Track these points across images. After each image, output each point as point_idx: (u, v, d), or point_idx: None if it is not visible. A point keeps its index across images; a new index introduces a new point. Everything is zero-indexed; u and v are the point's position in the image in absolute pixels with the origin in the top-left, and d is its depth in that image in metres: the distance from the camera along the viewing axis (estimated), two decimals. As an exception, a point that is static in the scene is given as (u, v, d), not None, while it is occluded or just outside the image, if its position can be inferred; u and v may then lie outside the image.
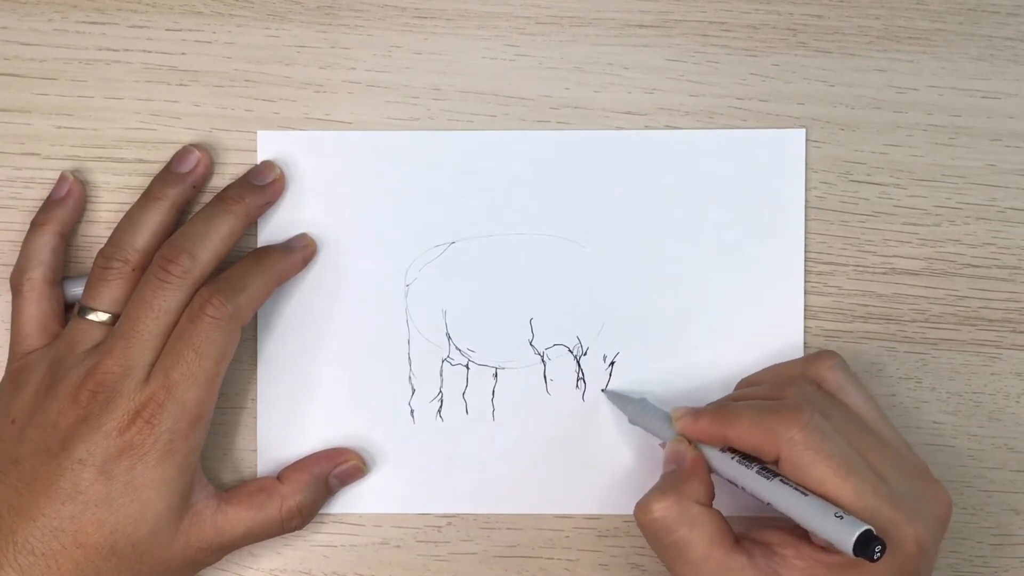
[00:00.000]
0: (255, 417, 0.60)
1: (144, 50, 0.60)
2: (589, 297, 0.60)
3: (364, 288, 0.60)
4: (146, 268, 0.56)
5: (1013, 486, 0.60)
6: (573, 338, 0.60)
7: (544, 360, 0.60)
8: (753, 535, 0.53)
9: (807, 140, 0.60)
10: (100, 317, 0.55)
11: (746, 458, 0.53)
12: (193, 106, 0.60)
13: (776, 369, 0.58)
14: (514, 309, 0.60)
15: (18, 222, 0.60)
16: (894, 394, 0.60)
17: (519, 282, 0.60)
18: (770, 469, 0.52)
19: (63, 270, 0.59)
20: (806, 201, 0.60)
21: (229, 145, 0.60)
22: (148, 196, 0.58)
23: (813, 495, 0.50)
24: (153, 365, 0.54)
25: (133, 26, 0.60)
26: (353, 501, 0.60)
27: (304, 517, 0.57)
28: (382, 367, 0.60)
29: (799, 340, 0.60)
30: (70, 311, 0.58)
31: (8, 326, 0.58)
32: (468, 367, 0.60)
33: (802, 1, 0.60)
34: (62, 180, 0.59)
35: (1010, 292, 0.60)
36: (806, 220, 0.60)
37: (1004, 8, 0.61)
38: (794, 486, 0.51)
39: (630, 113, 0.60)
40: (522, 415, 0.60)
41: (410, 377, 0.60)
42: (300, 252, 0.59)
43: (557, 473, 0.60)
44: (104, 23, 0.60)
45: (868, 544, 0.48)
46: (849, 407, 0.54)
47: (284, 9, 0.60)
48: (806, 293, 0.60)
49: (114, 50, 0.60)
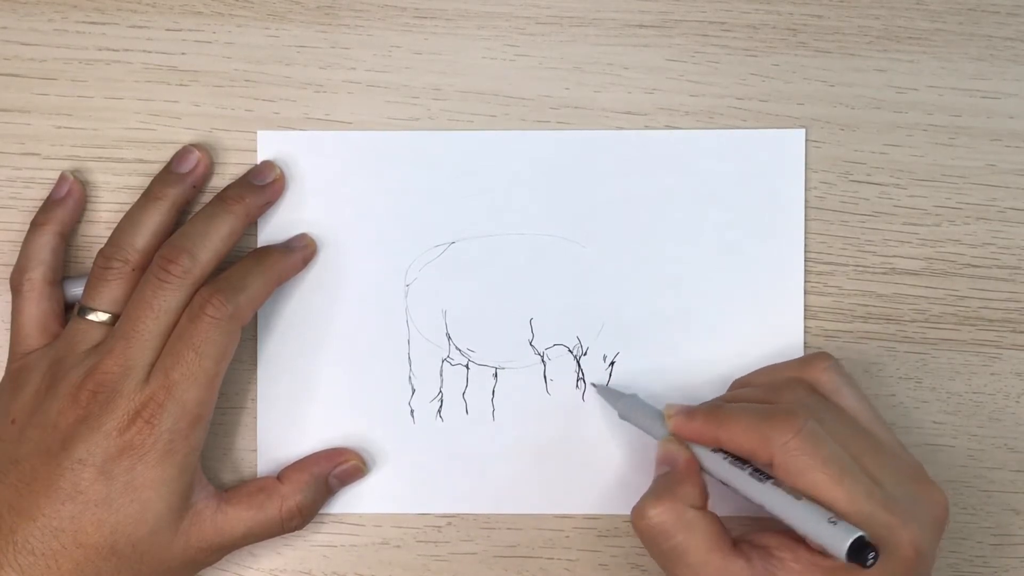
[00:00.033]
0: (255, 417, 0.60)
1: (144, 50, 0.60)
2: (589, 297, 0.60)
3: (364, 288, 0.60)
4: (146, 268, 0.56)
5: (1013, 486, 0.60)
6: (573, 338, 0.60)
7: (544, 360, 0.60)
8: (751, 538, 0.52)
9: (807, 140, 0.60)
10: (100, 317, 0.55)
11: (738, 459, 0.53)
12: (193, 106, 0.60)
13: (771, 370, 0.58)
14: (514, 309, 0.60)
15: (18, 222, 0.60)
16: (894, 394, 0.60)
17: (519, 282, 0.60)
18: (763, 472, 0.52)
19: (63, 270, 0.59)
20: (806, 201, 0.60)
21: (229, 145, 0.60)
22: (148, 196, 0.58)
23: (806, 499, 0.50)
24: (153, 365, 0.54)
25: (133, 26, 0.60)
26: (353, 501, 0.60)
27: (304, 517, 0.57)
28: (382, 367, 0.60)
29: (799, 340, 0.60)
30: (70, 311, 0.58)
31: (8, 326, 0.58)
32: (468, 367, 0.60)
33: (802, 1, 0.60)
34: (62, 180, 0.59)
35: (1010, 292, 0.60)
36: (806, 220, 0.60)
37: (1004, 8, 0.61)
38: (787, 490, 0.51)
39: (630, 113, 0.60)
40: (522, 415, 0.60)
41: (410, 377, 0.60)
42: (300, 252, 0.59)
43: (557, 473, 0.60)
44: (104, 23, 0.60)
45: (862, 551, 0.48)
46: (844, 410, 0.54)
47: (284, 9, 0.60)
48: (806, 293, 0.60)
49: (114, 50, 0.60)
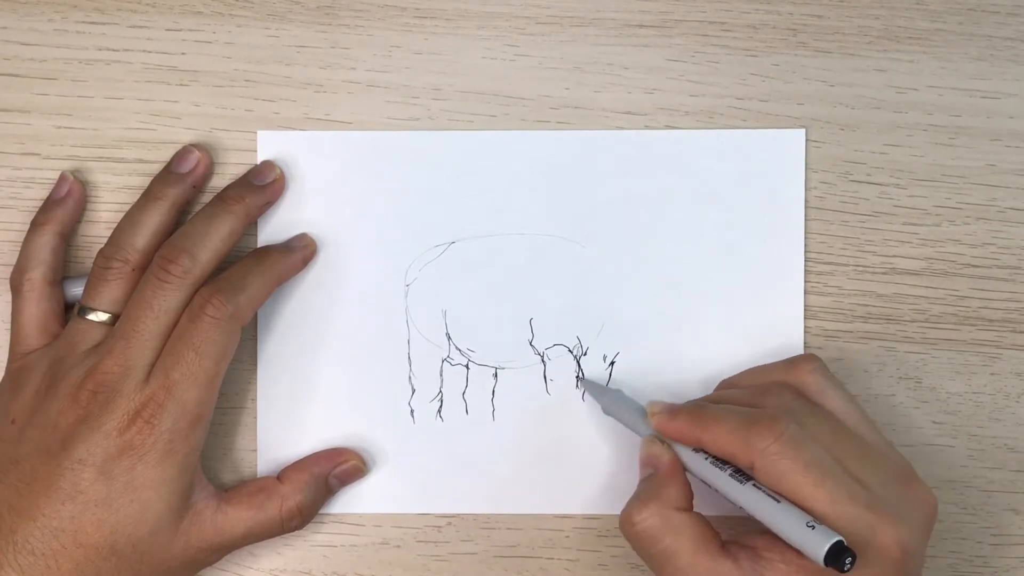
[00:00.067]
0: (255, 417, 0.60)
1: (144, 50, 0.60)
2: (589, 297, 0.60)
3: (364, 288, 0.60)
4: (146, 268, 0.56)
5: (1013, 486, 0.60)
6: (573, 338, 0.60)
7: (544, 360, 0.60)
8: (739, 539, 0.52)
9: (807, 140, 0.60)
10: (100, 317, 0.55)
11: (720, 460, 0.52)
12: (193, 106, 0.60)
13: (757, 372, 0.58)
14: (514, 309, 0.60)
15: (18, 222, 0.60)
16: (894, 394, 0.60)
17: (519, 282, 0.60)
18: (743, 472, 0.52)
19: (63, 270, 0.59)
20: (806, 201, 0.60)
21: (229, 145, 0.60)
22: (148, 196, 0.58)
23: (786, 502, 0.50)
24: (153, 365, 0.54)
25: (133, 26, 0.60)
26: (353, 501, 0.60)
27: (304, 517, 0.57)
28: (382, 367, 0.60)
29: (799, 340, 0.60)
30: (70, 311, 0.58)
31: (8, 326, 0.58)
32: (468, 367, 0.60)
33: (802, 1, 0.60)
34: (62, 180, 0.59)
35: (1010, 292, 0.60)
36: (806, 220, 0.60)
37: (1004, 8, 0.61)
38: (767, 492, 0.50)
39: (630, 113, 0.60)
40: (522, 415, 0.60)
41: (410, 377, 0.60)
42: (300, 252, 0.59)
43: (557, 473, 0.60)
44: (104, 23, 0.60)
45: (840, 555, 0.48)
46: (829, 412, 0.54)
47: (284, 9, 0.60)
48: (806, 293, 0.60)
49: (114, 50, 0.60)
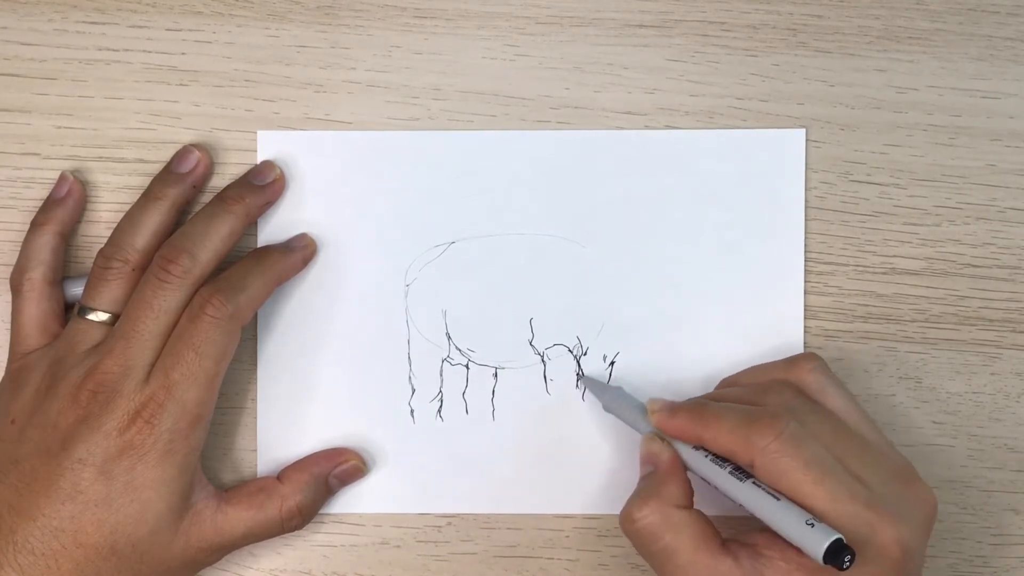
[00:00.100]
0: (255, 417, 0.60)
1: (144, 50, 0.60)
2: (589, 297, 0.60)
3: (364, 288, 0.60)
4: (146, 268, 0.56)
5: (1013, 486, 0.60)
6: (573, 338, 0.60)
7: (544, 360, 0.60)
8: (739, 537, 0.52)
9: (807, 140, 0.60)
10: (100, 317, 0.55)
11: (719, 457, 0.52)
12: (193, 106, 0.60)
13: (757, 371, 0.58)
14: (514, 309, 0.60)
15: (18, 222, 0.60)
16: (894, 394, 0.60)
17: (519, 282, 0.60)
18: (743, 469, 0.52)
19: (63, 270, 0.59)
20: (806, 201, 0.60)
21: (229, 145, 0.60)
22: (148, 196, 0.58)
23: (785, 499, 0.50)
24: (153, 365, 0.54)
25: (133, 26, 0.60)
26: (353, 501, 0.60)
27: (304, 517, 0.57)
28: (382, 367, 0.60)
29: (799, 340, 0.60)
30: (70, 311, 0.58)
31: (8, 326, 0.58)
32: (468, 367, 0.60)
33: (802, 1, 0.60)
34: (62, 180, 0.59)
35: (1010, 292, 0.60)
36: (806, 220, 0.60)
37: (1004, 8, 0.61)
38: (766, 489, 0.51)
39: (630, 113, 0.60)
40: (522, 415, 0.60)
41: (410, 377, 0.60)
42: (300, 252, 0.59)
43: (557, 473, 0.60)
44: (104, 23, 0.60)
45: (839, 553, 0.48)
46: (830, 411, 0.54)
47: (284, 9, 0.60)
48: (806, 293, 0.60)
49: (114, 50, 0.60)
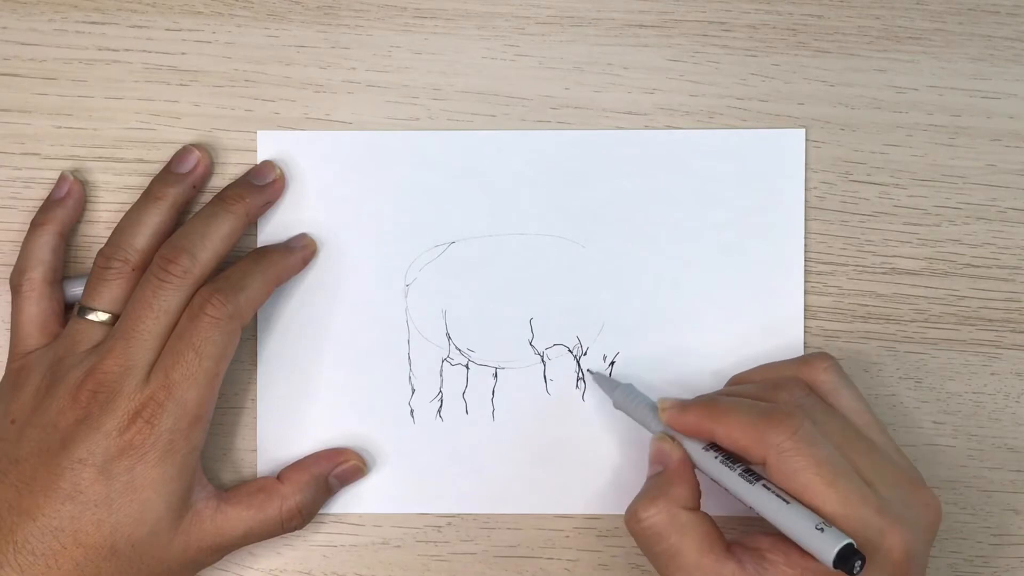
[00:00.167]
0: (255, 417, 0.60)
1: (144, 50, 0.60)
2: (589, 297, 0.60)
3: (364, 288, 0.60)
4: (146, 268, 0.56)
5: (1013, 486, 0.60)
6: (573, 338, 0.60)
7: (544, 360, 0.60)
8: (744, 541, 0.52)
9: (807, 140, 0.60)
10: (100, 317, 0.55)
11: (729, 458, 0.52)
12: (193, 106, 0.60)
13: (769, 369, 0.58)
14: (514, 309, 0.60)
15: (18, 222, 0.60)
16: (894, 394, 0.60)
17: (519, 282, 0.60)
18: (753, 472, 0.52)
19: (63, 270, 0.59)
20: (806, 201, 0.60)
21: (229, 145, 0.60)
22: (148, 196, 0.58)
23: (796, 503, 0.50)
24: (153, 365, 0.54)
25: (133, 26, 0.60)
26: (353, 501, 0.60)
27: (304, 517, 0.57)
28: (382, 367, 0.60)
29: (799, 340, 0.60)
30: (70, 311, 0.58)
31: (8, 326, 0.58)
32: (468, 367, 0.60)
33: (802, 1, 0.60)
34: (62, 180, 0.59)
35: (1010, 292, 0.60)
36: (806, 220, 0.60)
37: (1004, 8, 0.61)
38: (777, 492, 0.50)
39: (630, 113, 0.60)
40: (522, 415, 0.60)
41: (410, 377, 0.60)
42: (300, 252, 0.59)
43: (557, 473, 0.60)
44: (104, 23, 0.60)
45: (849, 558, 0.48)
46: (841, 411, 0.54)
47: (284, 9, 0.60)
48: (806, 293, 0.60)
49: (114, 50, 0.60)
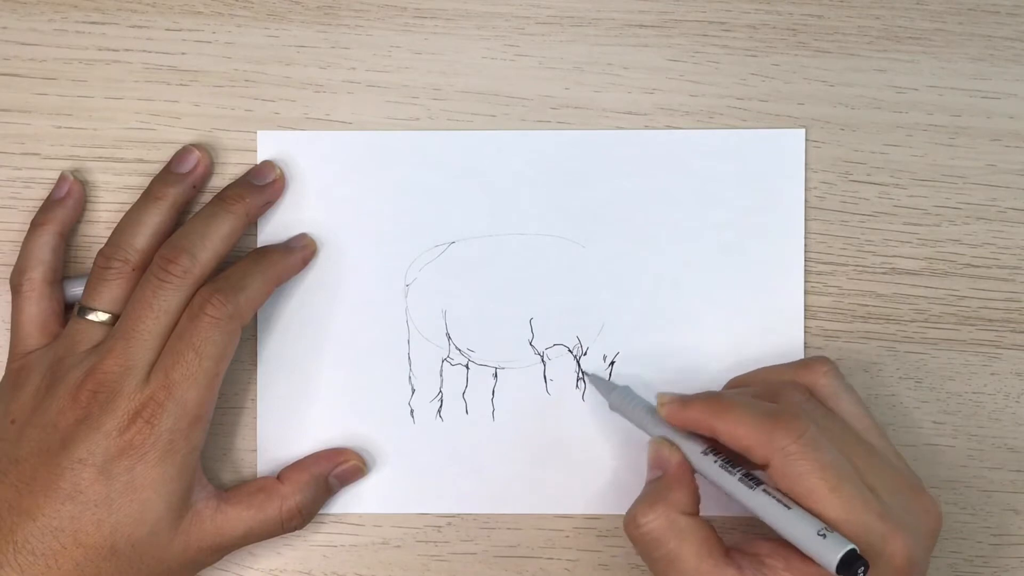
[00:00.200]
0: (255, 417, 0.60)
1: (144, 50, 0.60)
2: (589, 297, 0.60)
3: (364, 288, 0.60)
4: (146, 268, 0.56)
5: (1013, 486, 0.60)
6: (573, 338, 0.60)
7: (544, 360, 0.60)
8: (743, 546, 0.52)
9: (807, 140, 0.60)
10: (100, 317, 0.55)
11: (728, 462, 0.52)
12: (193, 106, 0.60)
13: (768, 372, 0.57)
14: (514, 309, 0.60)
15: (18, 222, 0.60)
16: (894, 394, 0.60)
17: (519, 282, 0.60)
18: (753, 476, 0.51)
19: (63, 270, 0.59)
20: (806, 201, 0.60)
21: (229, 145, 0.60)
22: (148, 196, 0.58)
23: (797, 508, 0.50)
24: (153, 365, 0.54)
25: (133, 26, 0.60)
26: (353, 501, 0.60)
27: (304, 517, 0.57)
28: (382, 367, 0.60)
29: (799, 340, 0.60)
30: (70, 311, 0.58)
31: (8, 326, 0.58)
32: (468, 367, 0.60)
33: (802, 1, 0.60)
34: (62, 180, 0.59)
35: (1010, 292, 0.60)
36: (806, 220, 0.60)
37: (1004, 8, 0.61)
38: (778, 497, 0.50)
39: (630, 113, 0.60)
40: (522, 415, 0.60)
41: (410, 377, 0.60)
42: (300, 252, 0.59)
43: (557, 473, 0.60)
44: (104, 23, 0.60)
45: (852, 563, 0.48)
46: (840, 416, 0.54)
47: (284, 9, 0.60)
48: (806, 293, 0.60)
49: (114, 50, 0.60)
